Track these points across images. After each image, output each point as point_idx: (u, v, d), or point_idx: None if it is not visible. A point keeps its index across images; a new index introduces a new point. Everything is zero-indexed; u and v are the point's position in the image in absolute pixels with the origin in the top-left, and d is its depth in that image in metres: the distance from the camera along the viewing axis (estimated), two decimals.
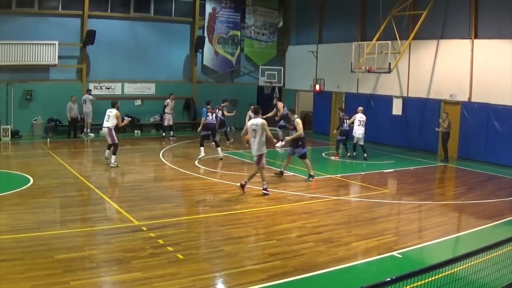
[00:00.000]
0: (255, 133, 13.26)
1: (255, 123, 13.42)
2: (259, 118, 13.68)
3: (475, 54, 20.39)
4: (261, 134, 13.21)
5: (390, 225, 11.40)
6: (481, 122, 20.13)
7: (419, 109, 22.69)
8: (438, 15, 21.52)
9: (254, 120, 13.71)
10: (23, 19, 23.16)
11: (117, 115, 16.83)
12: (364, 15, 25.60)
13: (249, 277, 7.82)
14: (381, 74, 22.91)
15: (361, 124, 19.60)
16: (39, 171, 15.61)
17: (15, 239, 9.06)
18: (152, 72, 26.97)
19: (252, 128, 13.35)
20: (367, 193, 14.47)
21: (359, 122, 19.61)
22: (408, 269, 5.08)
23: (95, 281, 7.47)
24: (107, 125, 16.75)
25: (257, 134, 13.23)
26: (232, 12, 28.99)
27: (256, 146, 13.34)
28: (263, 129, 13.19)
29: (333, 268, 8.34)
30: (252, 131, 13.35)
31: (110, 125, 16.67)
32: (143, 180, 15.08)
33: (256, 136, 13.25)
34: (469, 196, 14.18)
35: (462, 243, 10.35)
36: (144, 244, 9.17)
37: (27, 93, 23.34)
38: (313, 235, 10.12)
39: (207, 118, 18.60)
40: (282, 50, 31.23)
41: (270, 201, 12.89)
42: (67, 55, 24.43)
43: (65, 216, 11.11)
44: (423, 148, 22.40)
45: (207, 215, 11.71)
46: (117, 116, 16.79)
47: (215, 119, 18.97)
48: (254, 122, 13.49)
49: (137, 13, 26.38)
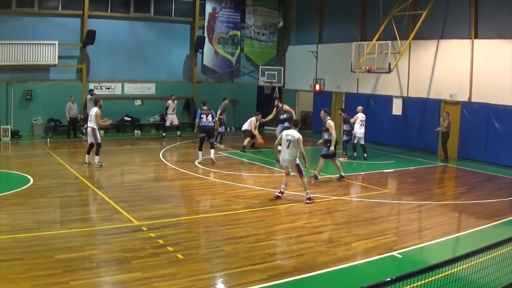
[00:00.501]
0: (289, 144, 12.88)
1: (291, 134, 12.95)
2: (296, 131, 13.02)
3: (475, 54, 20.38)
4: (295, 147, 12.80)
5: (390, 225, 11.41)
6: (481, 122, 20.11)
7: (419, 109, 22.68)
8: (438, 15, 21.52)
9: (291, 131, 13.11)
10: (23, 19, 23.16)
11: (97, 114, 16.45)
12: (364, 15, 25.60)
13: (249, 277, 7.82)
14: (381, 74, 22.90)
15: (363, 124, 19.63)
16: (39, 171, 15.61)
17: (15, 239, 9.07)
18: (152, 72, 26.96)
19: (287, 139, 12.95)
20: (367, 193, 14.47)
21: (360, 122, 19.64)
22: (408, 269, 5.09)
23: (95, 281, 7.47)
24: (90, 125, 16.58)
25: (291, 146, 12.82)
26: (232, 12, 28.98)
27: (289, 158, 12.95)
28: (298, 144, 12.75)
29: (333, 268, 8.35)
30: (286, 141, 12.95)
31: (93, 125, 16.49)
32: (143, 180, 15.08)
33: (290, 147, 12.86)
34: (469, 196, 14.18)
35: (462, 243, 10.35)
36: (144, 244, 9.17)
37: (27, 93, 23.34)
38: (313, 235, 10.12)
39: (201, 120, 17.86)
40: (282, 50, 31.21)
41: (270, 201, 12.89)
42: (67, 55, 24.42)
43: (65, 216, 11.11)
44: (423, 148, 22.38)
45: (207, 215, 11.72)
46: (97, 114, 16.43)
47: (211, 120, 18.02)
48: (291, 133, 12.99)
49: (137, 13, 26.37)
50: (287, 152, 12.90)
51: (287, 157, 12.92)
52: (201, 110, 18.04)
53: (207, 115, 17.88)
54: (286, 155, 12.94)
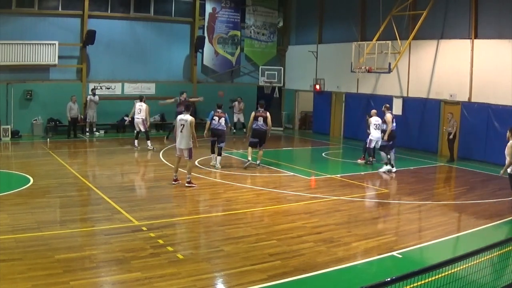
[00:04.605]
0: (183, 128, 14.06)
1: (184, 118, 14.09)
2: (188, 115, 14.20)
3: (475, 54, 20.37)
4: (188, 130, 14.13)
5: (390, 225, 11.41)
6: (481, 122, 20.10)
7: (419, 109, 22.68)
8: (438, 15, 21.53)
9: (184, 116, 14.22)
10: (23, 19, 23.17)
11: (147, 109, 20.57)
12: (364, 15, 25.60)
13: (249, 277, 7.82)
14: (381, 74, 22.92)
15: (377, 128, 18.61)
16: (39, 171, 15.61)
17: (15, 239, 9.06)
18: (152, 72, 26.97)
19: (181, 124, 14.07)
20: (367, 193, 14.47)
21: (375, 126, 18.76)
22: (408, 269, 5.08)
23: (95, 281, 7.47)
24: (140, 116, 20.42)
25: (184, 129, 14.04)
26: (232, 12, 28.98)
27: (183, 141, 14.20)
28: (191, 126, 13.93)
29: (333, 268, 8.34)
30: (180, 126, 14.11)
31: (143, 117, 20.45)
32: (143, 180, 15.09)
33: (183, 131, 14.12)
34: (469, 196, 14.18)
35: (462, 243, 10.35)
36: (144, 244, 9.17)
37: (27, 93, 23.35)
38: (313, 235, 10.12)
39: (212, 122, 17.04)
40: (282, 50, 31.22)
41: (270, 201, 12.91)
42: (67, 55, 24.43)
43: (65, 216, 11.11)
44: (423, 148, 22.38)
45: (207, 215, 11.72)
46: (146, 109, 20.56)
47: (223, 123, 17.09)
48: (184, 118, 14.15)
49: (137, 13, 26.37)
50: (181, 136, 14.09)
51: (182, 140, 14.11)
52: (215, 112, 17.27)
53: (220, 117, 17.10)
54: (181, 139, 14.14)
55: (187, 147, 13.97)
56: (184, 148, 14.04)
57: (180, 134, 14.03)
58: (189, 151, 13.98)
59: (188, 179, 14.12)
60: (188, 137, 13.96)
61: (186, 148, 14.00)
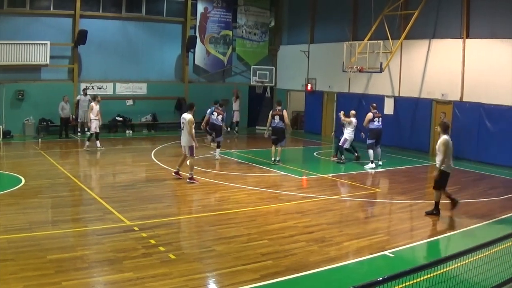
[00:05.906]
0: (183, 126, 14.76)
1: (184, 117, 14.78)
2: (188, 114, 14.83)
3: (466, 54, 20.46)
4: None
5: (381, 224, 11.44)
6: (473, 121, 20.17)
7: (411, 109, 22.75)
8: (430, 15, 21.60)
9: (184, 115, 14.92)
10: (14, 19, 23.07)
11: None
12: (356, 15, 25.65)
13: (241, 277, 7.83)
14: (372, 73, 22.97)
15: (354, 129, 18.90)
16: (31, 171, 15.55)
17: (7, 240, 9.03)
18: (143, 72, 26.92)
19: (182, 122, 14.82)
20: (358, 192, 14.51)
21: (354, 127, 18.87)
22: (400, 269, 5.11)
23: (87, 281, 7.46)
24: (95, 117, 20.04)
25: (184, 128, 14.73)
26: (223, 12, 28.97)
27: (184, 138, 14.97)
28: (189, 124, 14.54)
29: (325, 268, 8.37)
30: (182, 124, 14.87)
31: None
32: (135, 180, 15.05)
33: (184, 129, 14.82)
34: (461, 195, 14.18)
35: (454, 242, 10.40)
36: (136, 244, 9.16)
37: (19, 93, 23.25)
38: (305, 235, 10.14)
39: (212, 117, 18.74)
40: (273, 49, 31.24)
41: (262, 201, 12.92)
42: (58, 55, 24.35)
43: (57, 216, 11.08)
44: (415, 147, 22.45)
45: (199, 215, 11.70)
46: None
47: (221, 120, 18.80)
48: (184, 116, 14.83)
49: (128, 13, 26.31)
50: (183, 133, 14.85)
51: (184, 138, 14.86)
52: (215, 109, 18.90)
53: (219, 114, 18.78)
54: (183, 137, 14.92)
55: (188, 144, 14.79)
56: (185, 145, 14.97)
57: (182, 132, 14.93)
58: (190, 148, 14.77)
59: (190, 175, 14.72)
60: (188, 134, 14.62)
61: (186, 145, 14.89)
